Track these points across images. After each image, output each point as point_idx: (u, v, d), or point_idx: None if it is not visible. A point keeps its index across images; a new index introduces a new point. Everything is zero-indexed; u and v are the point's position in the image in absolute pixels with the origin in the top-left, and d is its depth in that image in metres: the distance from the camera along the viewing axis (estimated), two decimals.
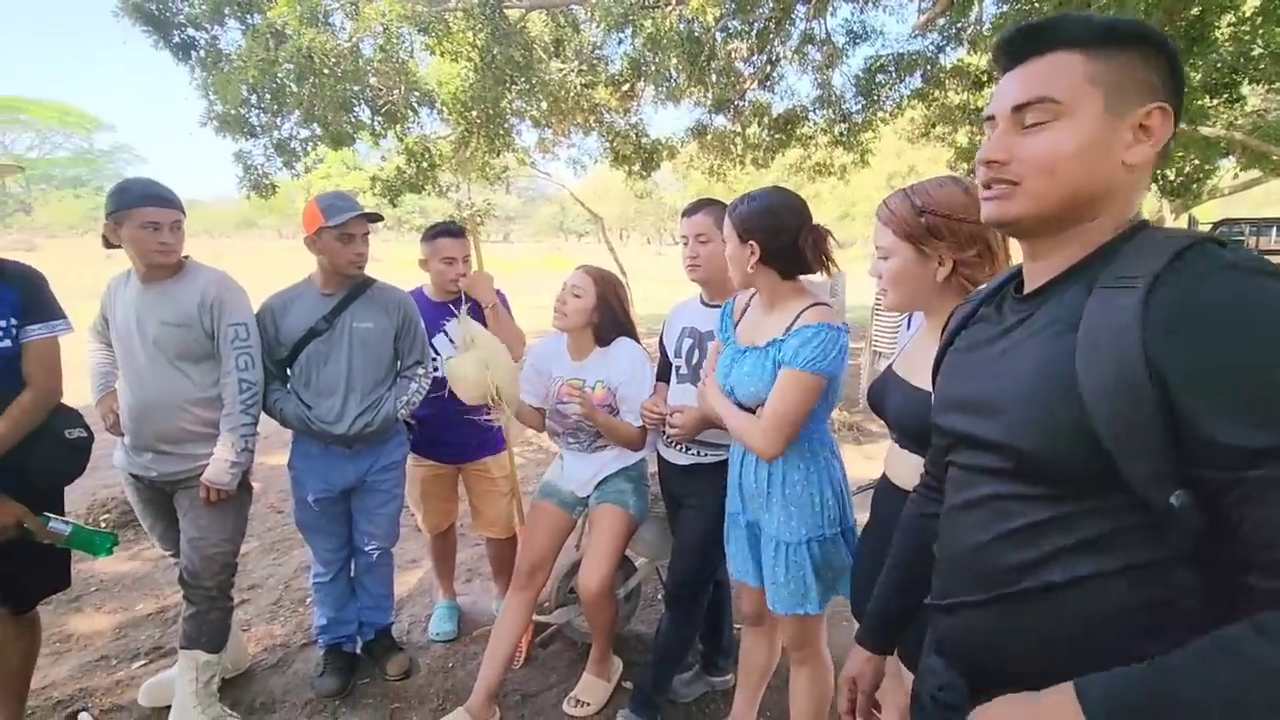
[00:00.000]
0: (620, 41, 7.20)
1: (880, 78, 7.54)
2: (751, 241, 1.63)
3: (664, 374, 2.24)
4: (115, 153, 53.97)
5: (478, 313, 2.57)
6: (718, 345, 1.85)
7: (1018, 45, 0.79)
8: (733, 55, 7.10)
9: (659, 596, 3.01)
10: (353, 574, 2.49)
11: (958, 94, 7.95)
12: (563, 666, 2.56)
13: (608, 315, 2.23)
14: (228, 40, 5.64)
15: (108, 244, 2.04)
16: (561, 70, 7.02)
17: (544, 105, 6.72)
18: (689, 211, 2.06)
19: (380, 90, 5.71)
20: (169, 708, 2.13)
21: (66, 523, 1.88)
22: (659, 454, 2.22)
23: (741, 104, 7.90)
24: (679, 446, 2.11)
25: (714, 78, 6.91)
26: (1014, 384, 0.79)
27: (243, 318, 2.10)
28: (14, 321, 1.79)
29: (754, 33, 6.90)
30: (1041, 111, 0.76)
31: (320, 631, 2.46)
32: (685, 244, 2.06)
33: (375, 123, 6.06)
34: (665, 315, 2.25)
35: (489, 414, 2.31)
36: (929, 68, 7.44)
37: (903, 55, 7.41)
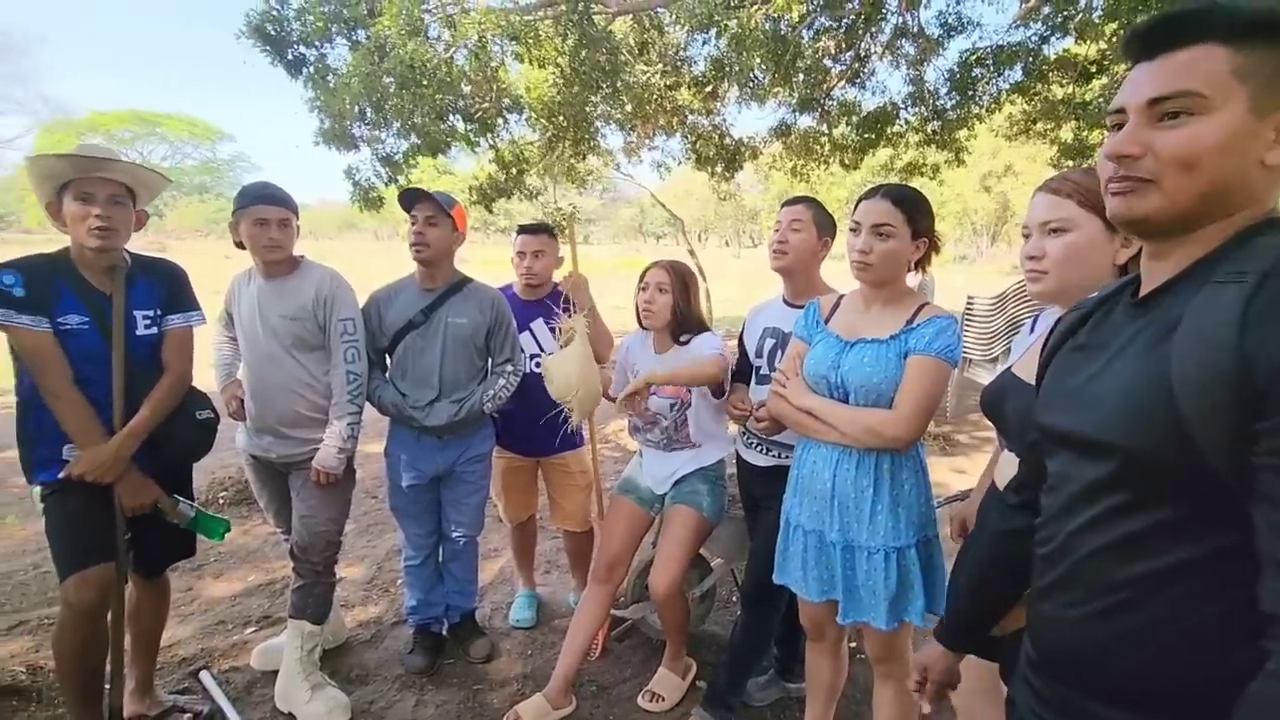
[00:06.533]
0: (704, 42, 7.20)
1: (977, 71, 7.18)
2: (924, 239, 1.62)
3: (743, 374, 2.23)
4: (235, 161, 58.66)
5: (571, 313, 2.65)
6: (799, 346, 1.82)
7: (1157, 36, 0.75)
8: (820, 53, 6.95)
9: (734, 599, 3.00)
10: (440, 559, 2.61)
11: (1062, 87, 7.46)
12: (638, 661, 2.60)
13: (684, 308, 2.25)
14: (335, 56, 6.04)
15: (239, 244, 2.24)
16: (645, 73, 7.08)
17: (628, 108, 6.80)
18: (790, 202, 2.08)
19: (473, 99, 5.95)
20: (277, 672, 2.32)
21: (191, 506, 2.08)
22: (738, 455, 2.22)
23: (828, 103, 7.72)
24: (760, 448, 2.10)
25: (800, 76, 6.78)
26: (1117, 380, 0.77)
27: (351, 313, 2.25)
28: (158, 312, 1.99)
29: (842, 29, 6.73)
30: (1181, 105, 0.72)
31: (410, 612, 2.60)
32: (777, 231, 2.05)
33: (469, 131, 6.32)
34: (742, 315, 2.24)
35: (566, 415, 2.35)
36: (1030, 59, 7.02)
37: (1002, 47, 7.02)
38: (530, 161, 7.63)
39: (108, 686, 1.97)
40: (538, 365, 2.67)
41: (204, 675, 2.42)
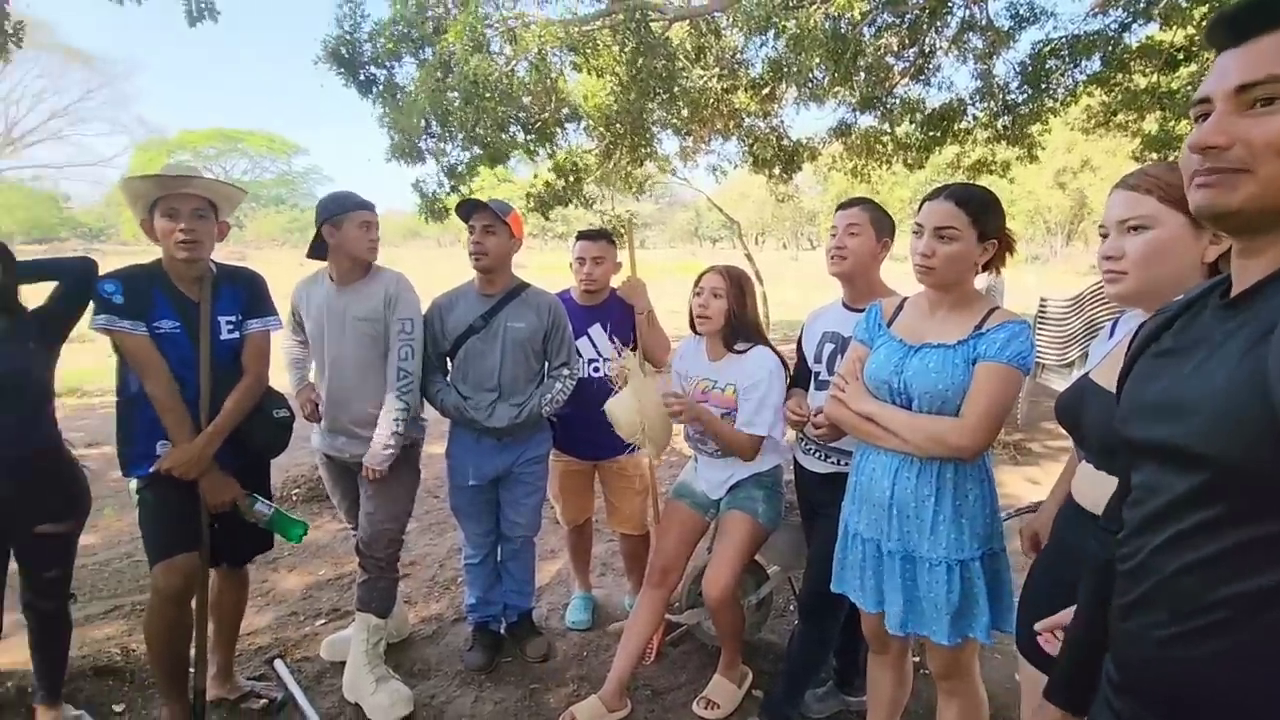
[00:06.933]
0: (761, 44, 7.14)
1: (1051, 63, 6.86)
2: (993, 240, 1.55)
3: (801, 379, 2.20)
4: (309, 174, 61.86)
5: (629, 318, 2.67)
6: (860, 350, 1.77)
7: (1244, 20, 0.70)
8: (882, 50, 6.79)
9: (791, 607, 2.95)
10: (499, 559, 2.67)
11: (1146, 76, 7.04)
12: (693, 667, 2.58)
13: (740, 313, 2.23)
14: (403, 75, 6.31)
15: (314, 254, 2.34)
16: (702, 77, 7.08)
17: (684, 113, 6.82)
18: (846, 205, 2.02)
19: (533, 110, 6.09)
20: (344, 663, 2.41)
21: (269, 506, 2.18)
22: (796, 461, 2.18)
23: (890, 101, 7.53)
24: (817, 454, 2.06)
25: (860, 75, 6.64)
26: (1208, 386, 0.72)
27: (410, 314, 2.33)
28: (240, 317, 2.12)
29: (905, 25, 6.56)
30: (1273, 91, 0.67)
31: (470, 610, 2.66)
32: (834, 235, 2.01)
33: (528, 140, 6.47)
34: (800, 320, 2.21)
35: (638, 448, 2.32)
36: (1110, 48, 6.66)
37: (1078, 37, 6.69)
38: (587, 169, 7.74)
39: (192, 670, 2.10)
40: (595, 370, 2.70)
41: (278, 664, 2.53)
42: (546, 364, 2.52)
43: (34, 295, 2.04)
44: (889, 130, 8.00)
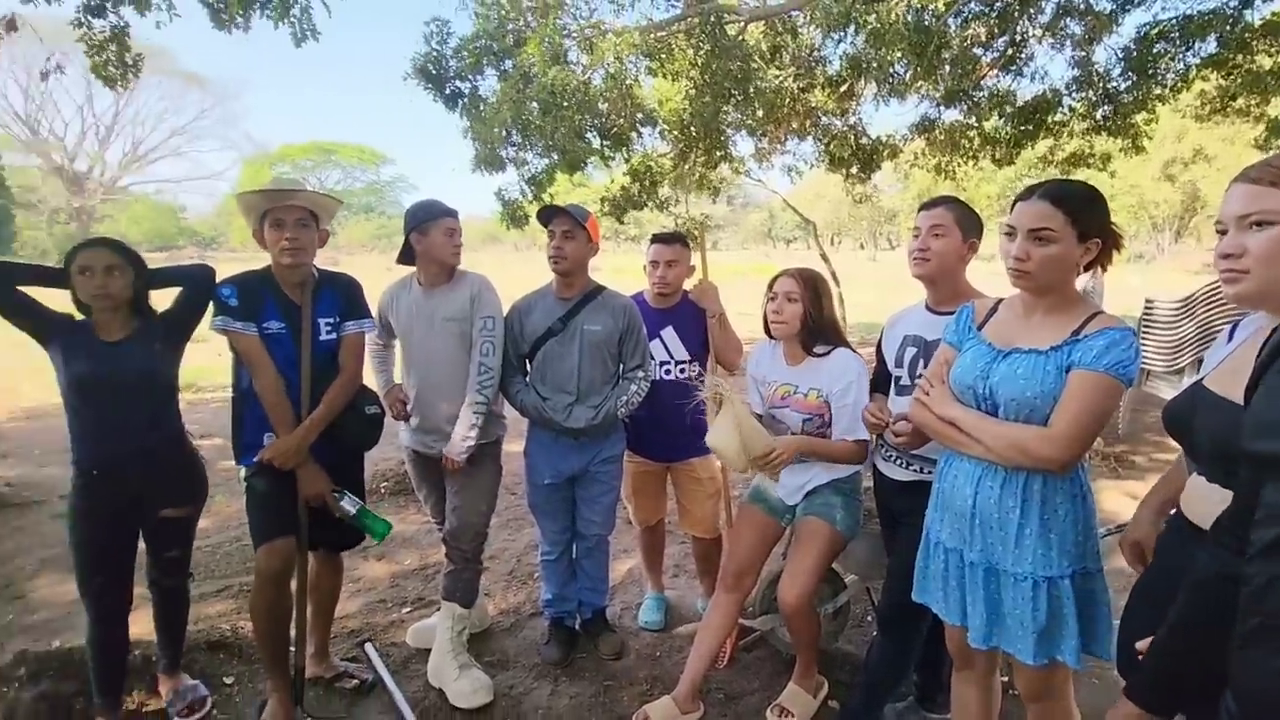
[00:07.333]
0: (839, 41, 6.98)
1: (1159, 47, 6.37)
2: (1095, 239, 1.46)
3: (880, 384, 2.14)
4: (395, 182, 65.02)
5: (701, 321, 2.68)
6: (948, 352, 1.71)
7: None
8: (969, 41, 6.51)
9: (869, 618, 2.87)
10: (574, 556, 2.73)
11: (1271, 56, 6.43)
12: (766, 674, 2.56)
13: (816, 316, 2.20)
14: (485, 87, 6.55)
15: (403, 259, 2.47)
16: (778, 77, 6.99)
17: (759, 114, 6.74)
18: (929, 204, 1.95)
19: (609, 116, 6.18)
20: (428, 651, 2.53)
21: (355, 504, 2.29)
22: (875, 468, 2.13)
23: (978, 94, 7.19)
24: (899, 461, 2.00)
25: (945, 68, 6.38)
26: None
27: (492, 312, 2.43)
28: (338, 319, 2.26)
29: (995, 13, 6.25)
30: None
31: (546, 605, 2.74)
32: (916, 236, 1.94)
33: (604, 147, 6.57)
34: (878, 323, 2.15)
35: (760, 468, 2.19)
36: (1228, 28, 6.12)
37: (1190, 17, 6.18)
38: (662, 173, 7.78)
39: (293, 649, 2.25)
40: (667, 373, 2.72)
41: (368, 647, 2.68)
42: (622, 366, 2.55)
43: (159, 300, 2.24)
44: (976, 125, 7.64)
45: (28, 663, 2.33)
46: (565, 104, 5.49)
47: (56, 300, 2.09)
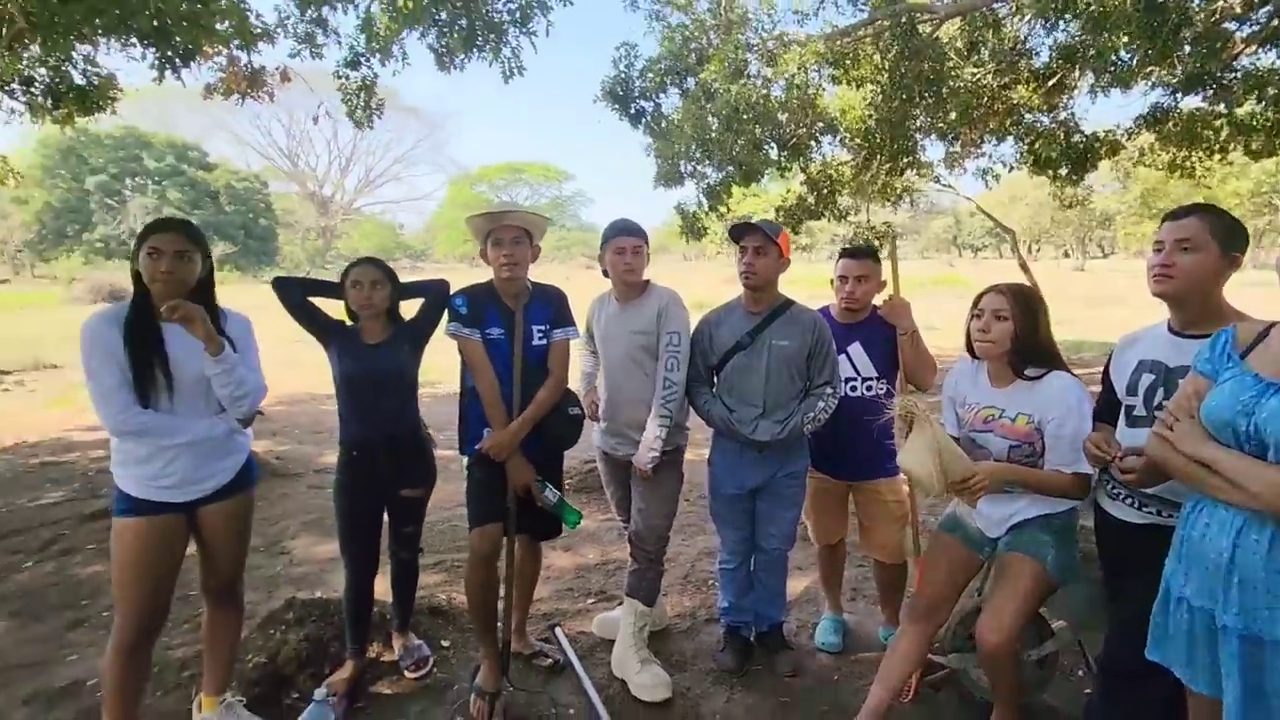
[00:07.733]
0: (1049, 30, 6.34)
1: None
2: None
3: (1104, 413, 1.93)
4: (575, 197, 69.53)
5: (890, 337, 2.59)
6: (1199, 383, 1.51)
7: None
8: (1218, 15, 5.60)
9: (1079, 671, 2.59)
10: (752, 568, 2.75)
11: None
12: (951, 717, 2.40)
13: (1029, 338, 2.03)
14: (667, 105, 6.83)
15: (606, 273, 2.67)
16: (975, 74, 6.51)
17: (952, 115, 6.33)
18: (1175, 214, 1.73)
19: (788, 127, 6.15)
20: (611, 641, 2.69)
21: (555, 494, 2.52)
22: (1099, 507, 1.93)
23: (1228, 76, 6.16)
24: (1130, 500, 1.80)
25: (1185, 49, 5.55)
26: None
27: (678, 327, 2.53)
28: (546, 327, 2.50)
29: None
30: None
31: (723, 612, 2.79)
32: (1159, 250, 1.73)
33: (781, 157, 6.55)
34: (1084, 341, 1.94)
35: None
36: None
37: None
38: (841, 181, 7.56)
39: (499, 624, 2.52)
40: (853, 389, 2.66)
41: (558, 630, 2.92)
42: (809, 381, 2.54)
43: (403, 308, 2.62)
44: (1225, 111, 6.55)
45: (295, 608, 2.80)
46: (745, 117, 5.55)
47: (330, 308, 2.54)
